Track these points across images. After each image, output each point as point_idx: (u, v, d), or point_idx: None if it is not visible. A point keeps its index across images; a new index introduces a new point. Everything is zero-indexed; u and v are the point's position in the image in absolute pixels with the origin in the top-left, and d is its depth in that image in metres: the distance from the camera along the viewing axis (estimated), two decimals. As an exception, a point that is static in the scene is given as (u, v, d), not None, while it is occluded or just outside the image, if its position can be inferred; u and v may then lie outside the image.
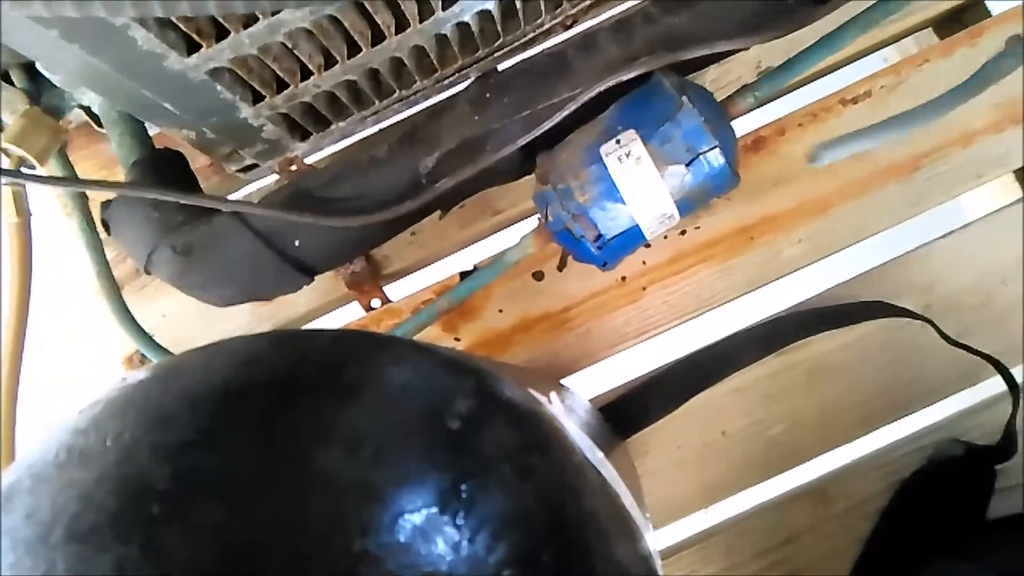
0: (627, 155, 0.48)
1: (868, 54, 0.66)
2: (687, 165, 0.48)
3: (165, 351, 0.61)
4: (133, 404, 0.27)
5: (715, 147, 0.47)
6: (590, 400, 0.63)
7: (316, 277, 0.58)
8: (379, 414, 0.27)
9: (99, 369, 0.73)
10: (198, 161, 0.62)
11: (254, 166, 0.60)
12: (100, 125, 0.58)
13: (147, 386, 0.28)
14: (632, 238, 0.51)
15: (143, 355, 0.63)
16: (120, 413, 0.27)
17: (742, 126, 0.61)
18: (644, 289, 0.64)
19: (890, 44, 0.67)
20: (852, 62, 0.66)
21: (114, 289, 0.60)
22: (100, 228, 0.58)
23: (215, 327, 0.67)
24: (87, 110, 0.57)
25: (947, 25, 0.66)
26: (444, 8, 0.50)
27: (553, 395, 0.47)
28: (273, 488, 0.24)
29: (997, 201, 0.64)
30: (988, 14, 0.65)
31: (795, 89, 0.65)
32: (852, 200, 0.62)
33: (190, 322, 0.68)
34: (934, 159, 0.62)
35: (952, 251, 0.62)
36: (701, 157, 0.48)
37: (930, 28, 0.67)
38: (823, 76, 0.65)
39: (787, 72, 0.51)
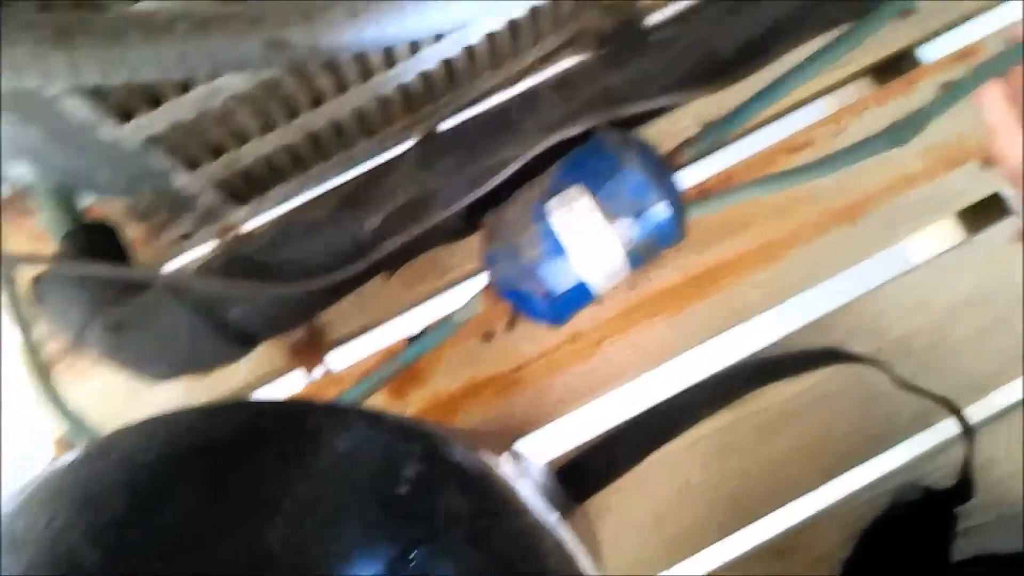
0: (573, 211, 0.48)
1: (809, 103, 0.67)
2: (633, 219, 0.48)
3: (95, 433, 0.58)
4: (64, 487, 0.26)
5: (660, 201, 0.47)
6: (547, 462, 0.61)
7: (256, 347, 0.56)
8: (324, 483, 0.26)
9: (34, 449, 0.69)
10: (131, 232, 0.60)
11: (190, 235, 0.58)
12: (30, 198, 0.56)
13: (78, 467, 0.27)
14: (582, 294, 0.50)
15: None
16: (51, 498, 0.26)
17: (689, 178, 0.61)
18: (597, 345, 0.63)
19: (830, 92, 0.68)
20: (793, 111, 0.67)
21: (42, 368, 0.58)
22: (30, 304, 0.56)
23: (150, 403, 0.64)
24: (16, 182, 0.55)
25: (884, 73, 0.68)
26: (386, 69, 0.50)
27: (505, 457, 0.46)
28: (212, 565, 0.23)
29: (941, 244, 0.65)
30: (919, 61, 0.67)
31: (738, 140, 0.66)
32: (799, 248, 0.63)
33: (124, 399, 0.65)
34: (877, 205, 0.63)
35: (900, 294, 0.62)
36: (647, 211, 0.48)
37: (868, 76, 0.69)
38: (766, 126, 0.66)
39: (728, 124, 0.51)
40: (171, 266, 0.67)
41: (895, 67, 0.67)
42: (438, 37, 0.50)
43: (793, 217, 0.63)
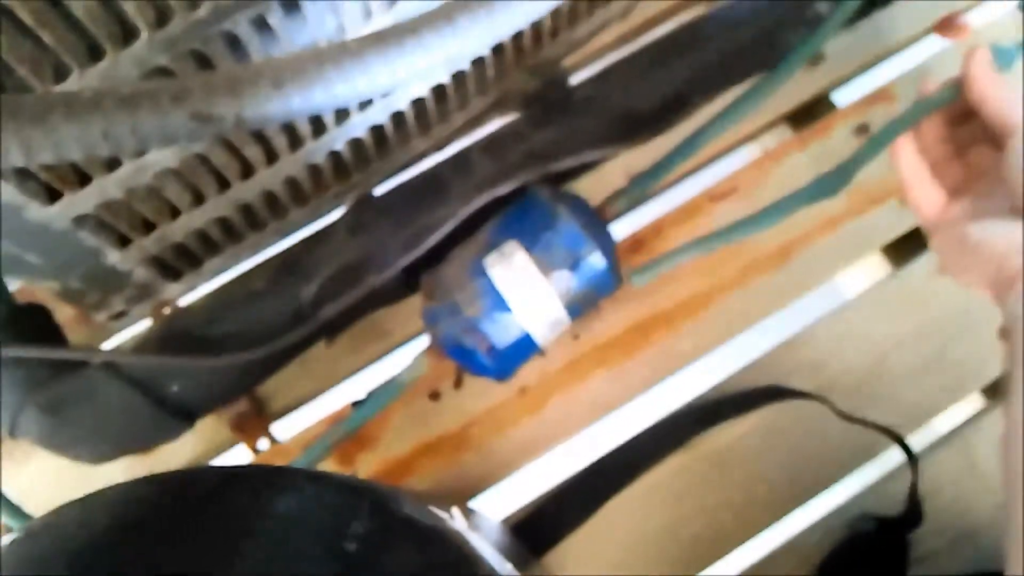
0: (511, 265, 0.48)
1: (731, 151, 0.69)
2: (570, 269, 0.49)
3: (31, 518, 0.56)
4: (4, 568, 0.25)
5: (596, 250, 0.49)
6: (502, 519, 0.61)
7: (197, 422, 0.55)
8: (271, 547, 0.26)
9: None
10: (63, 312, 0.59)
11: (125, 312, 0.57)
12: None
13: (17, 548, 0.26)
14: (525, 346, 0.51)
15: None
16: None
17: (621, 230, 0.62)
18: (544, 399, 0.63)
19: (751, 140, 0.70)
20: (717, 160, 0.69)
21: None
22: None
23: (92, 485, 0.62)
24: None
25: (800, 119, 0.70)
26: (315, 138, 0.50)
27: (456, 511, 0.45)
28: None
29: (870, 278, 0.67)
30: (834, 106, 0.70)
31: (666, 190, 0.67)
32: (734, 291, 0.64)
33: (64, 483, 0.63)
34: (805, 245, 0.65)
35: (835, 330, 0.64)
36: (582, 261, 0.49)
37: (785, 123, 0.71)
38: (692, 175, 0.68)
39: (654, 175, 0.53)
40: (106, 345, 0.66)
41: (810, 112, 0.69)
42: (365, 104, 0.51)
43: (726, 263, 0.65)
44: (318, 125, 0.50)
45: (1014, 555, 0.39)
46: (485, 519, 0.55)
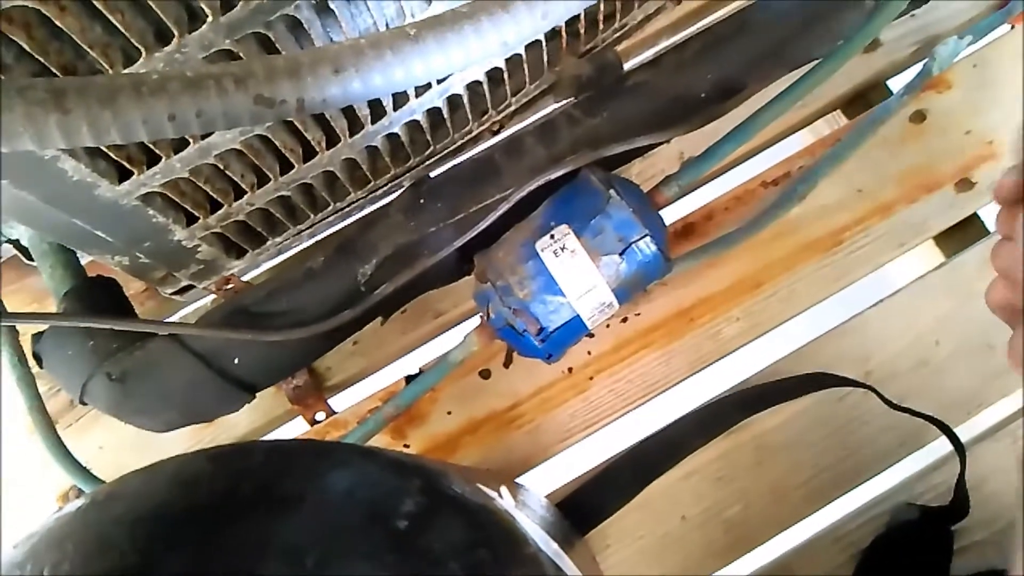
0: (562, 249, 0.49)
1: (784, 138, 0.69)
2: (620, 255, 0.49)
3: (101, 482, 0.59)
4: (70, 533, 0.27)
5: (646, 235, 0.49)
6: (546, 496, 0.62)
7: (258, 394, 0.57)
8: (322, 522, 0.27)
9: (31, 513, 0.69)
10: (132, 286, 0.62)
11: (189, 287, 0.60)
12: (29, 258, 0.57)
13: (84, 514, 0.28)
14: (574, 329, 0.51)
15: (79, 490, 0.60)
16: (57, 544, 0.27)
17: (671, 214, 0.63)
18: (590, 379, 0.64)
19: (803, 127, 0.70)
20: (770, 146, 0.69)
21: (48, 424, 0.58)
22: (32, 362, 0.57)
23: (154, 454, 0.64)
24: (15, 243, 0.57)
25: (854, 106, 0.70)
26: (373, 122, 0.52)
27: (504, 490, 0.46)
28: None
29: (921, 267, 0.66)
30: (890, 92, 0.69)
31: (718, 176, 0.68)
32: (781, 277, 0.64)
33: (128, 451, 0.66)
34: (855, 232, 0.64)
35: (884, 319, 0.64)
36: (633, 246, 0.49)
37: (839, 110, 0.71)
38: (744, 161, 0.68)
39: (706, 161, 0.53)
40: (173, 318, 0.68)
41: (864, 99, 0.69)
42: (422, 89, 0.52)
43: (775, 248, 0.65)
44: (377, 109, 0.51)
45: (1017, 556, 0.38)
46: (532, 496, 0.56)
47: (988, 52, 0.68)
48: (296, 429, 0.67)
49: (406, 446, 0.64)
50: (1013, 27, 0.69)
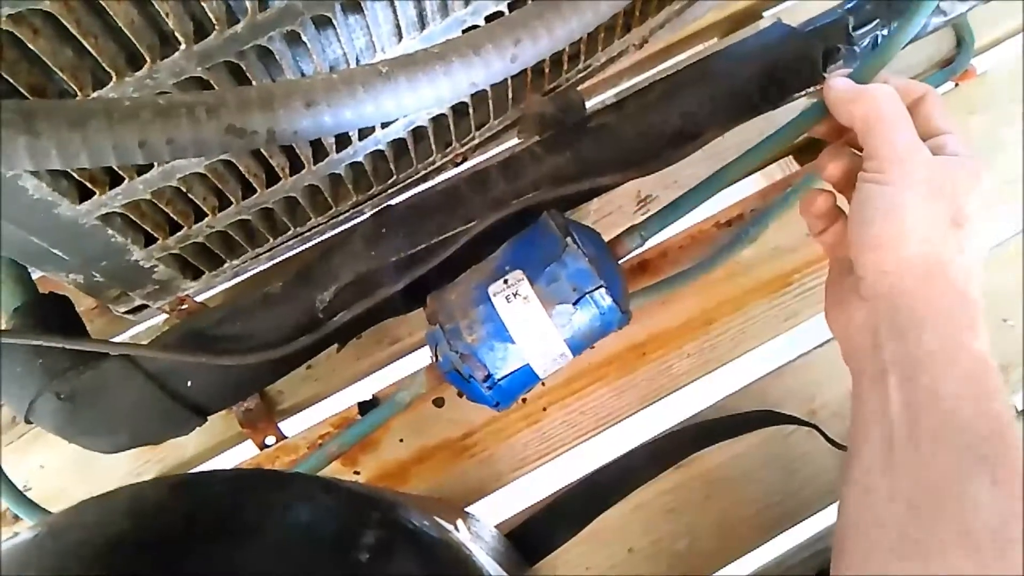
0: (515, 295, 0.48)
1: (738, 181, 0.71)
2: (574, 304, 0.48)
3: (37, 507, 0.57)
4: (26, 563, 0.26)
5: (601, 286, 0.48)
6: (496, 526, 0.62)
7: (208, 417, 0.56)
8: (283, 553, 0.27)
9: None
10: (82, 303, 0.61)
11: (143, 307, 0.59)
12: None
13: (40, 544, 0.28)
14: (524, 377, 0.50)
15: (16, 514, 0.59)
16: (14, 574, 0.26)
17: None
18: (544, 410, 0.65)
19: (757, 171, 0.72)
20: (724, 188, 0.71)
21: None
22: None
23: (97, 475, 0.64)
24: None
25: (806, 152, 0.72)
26: (338, 150, 0.52)
27: (459, 523, 0.47)
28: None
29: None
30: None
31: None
32: (732, 316, 0.66)
33: (70, 472, 0.65)
34: (804, 274, 0.67)
35: (829, 359, 0.65)
36: (588, 296, 0.48)
37: (791, 156, 0.74)
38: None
39: (673, 212, 0.53)
40: (123, 337, 0.67)
41: (816, 147, 0.71)
42: (388, 121, 0.52)
43: (726, 288, 0.67)
44: (342, 138, 0.52)
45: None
46: (483, 526, 0.56)
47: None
48: (245, 453, 0.66)
49: (356, 473, 0.64)
50: (957, 85, 0.72)
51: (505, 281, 0.49)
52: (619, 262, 0.53)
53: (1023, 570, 0.33)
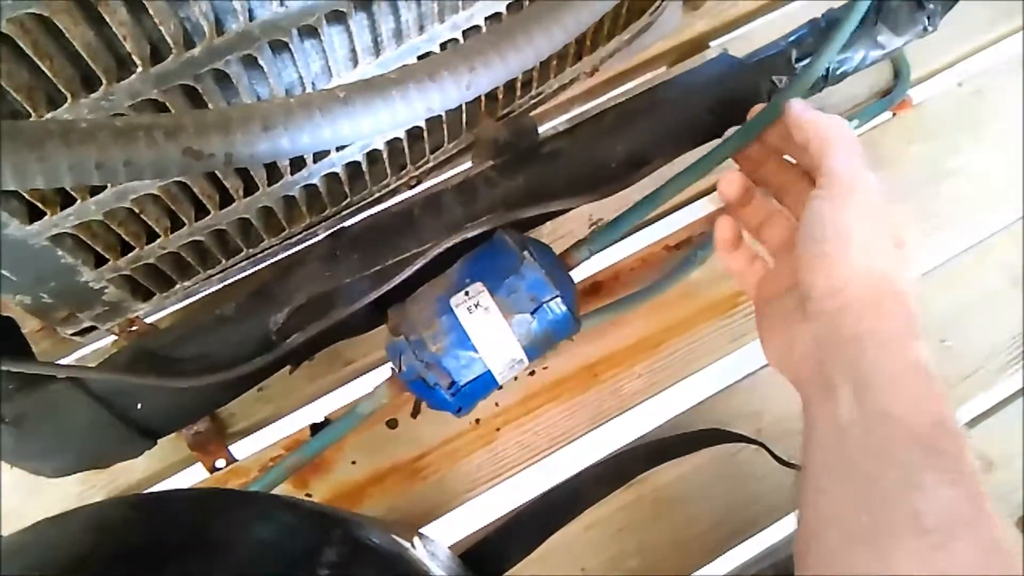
0: (476, 306, 0.50)
1: (686, 205, 0.73)
2: (532, 313, 0.51)
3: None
4: None
5: (556, 296, 0.51)
6: (449, 547, 0.63)
7: (158, 440, 0.56)
8: (247, 570, 0.27)
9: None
10: (27, 324, 0.60)
11: (91, 328, 0.58)
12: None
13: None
14: (485, 384, 0.52)
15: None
16: None
17: (581, 273, 0.65)
18: (497, 431, 0.65)
19: (704, 196, 0.74)
20: (673, 212, 0.73)
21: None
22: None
23: (44, 498, 0.63)
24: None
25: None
26: (293, 173, 0.52)
27: (416, 540, 0.47)
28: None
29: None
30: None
31: (625, 238, 0.71)
32: (681, 337, 0.67)
33: (14, 495, 0.63)
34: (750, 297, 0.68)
35: (775, 379, 0.66)
36: (544, 306, 0.51)
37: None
38: (649, 226, 0.72)
39: (616, 227, 0.55)
40: (70, 359, 0.66)
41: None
42: (343, 144, 0.53)
43: (676, 310, 0.68)
44: (297, 161, 0.52)
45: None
46: (438, 546, 0.57)
47: (875, 134, 0.74)
48: (195, 476, 0.66)
49: (308, 495, 0.64)
50: (895, 114, 0.75)
51: (466, 293, 0.51)
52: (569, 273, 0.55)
53: (972, 550, 0.35)
